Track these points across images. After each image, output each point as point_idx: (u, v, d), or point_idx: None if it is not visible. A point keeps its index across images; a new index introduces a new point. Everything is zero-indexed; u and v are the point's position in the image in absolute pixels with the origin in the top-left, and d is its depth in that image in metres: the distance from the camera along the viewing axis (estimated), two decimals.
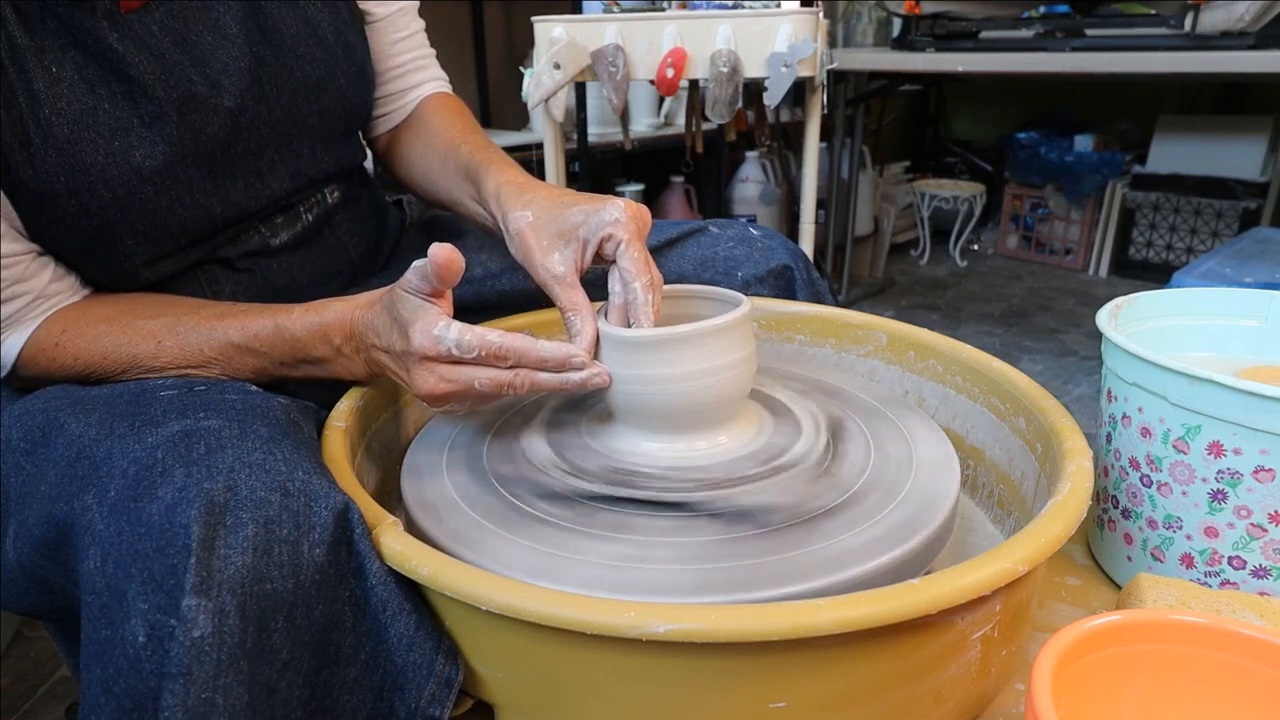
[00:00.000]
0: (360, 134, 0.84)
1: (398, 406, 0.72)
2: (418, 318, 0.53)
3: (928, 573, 0.48)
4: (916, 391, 0.77)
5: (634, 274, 0.59)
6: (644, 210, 0.62)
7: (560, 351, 0.55)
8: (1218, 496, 0.59)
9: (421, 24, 0.85)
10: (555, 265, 0.61)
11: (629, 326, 0.59)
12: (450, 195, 0.77)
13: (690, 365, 0.56)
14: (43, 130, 0.57)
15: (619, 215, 0.59)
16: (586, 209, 0.61)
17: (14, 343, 0.60)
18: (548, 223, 0.62)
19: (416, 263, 0.53)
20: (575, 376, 0.56)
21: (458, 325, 0.53)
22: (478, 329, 0.53)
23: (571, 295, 0.60)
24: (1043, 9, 2.28)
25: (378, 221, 0.85)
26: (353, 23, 0.76)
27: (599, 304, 0.61)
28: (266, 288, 0.72)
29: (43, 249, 0.61)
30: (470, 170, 0.72)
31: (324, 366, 0.61)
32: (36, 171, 0.57)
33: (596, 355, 0.58)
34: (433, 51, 0.87)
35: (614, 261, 0.60)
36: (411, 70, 0.84)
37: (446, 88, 0.88)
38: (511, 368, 0.54)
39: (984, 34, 2.27)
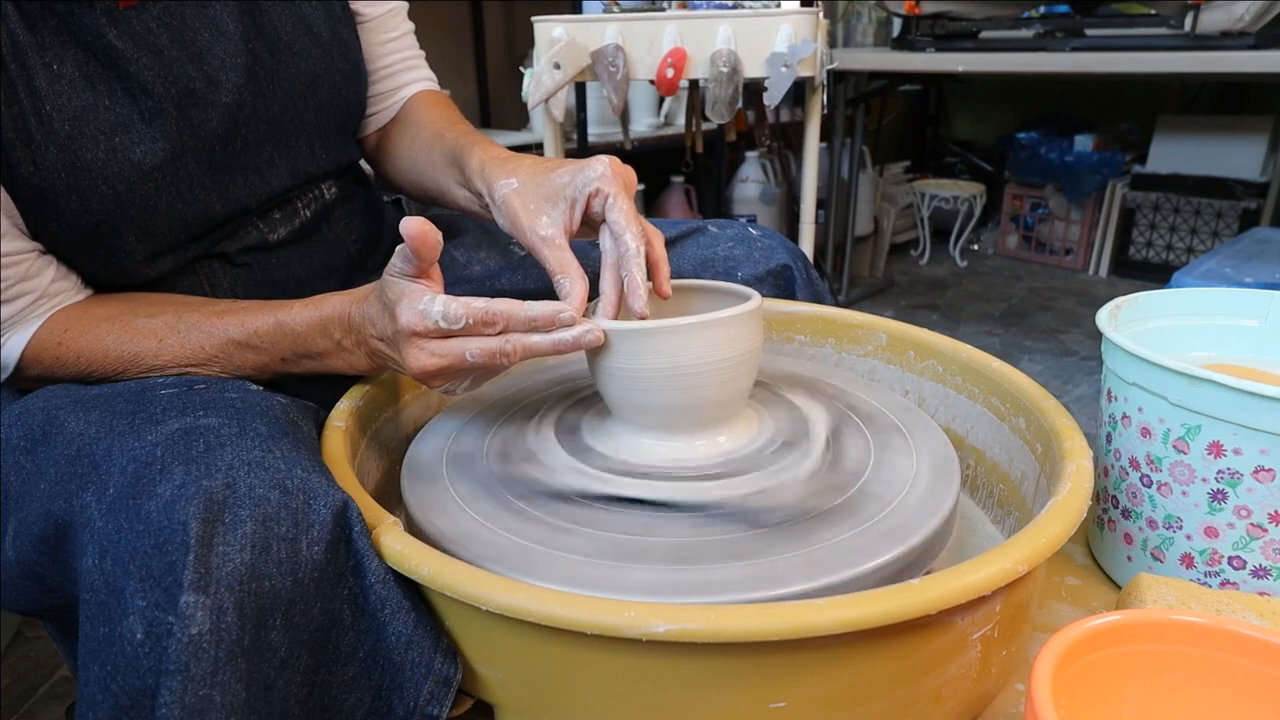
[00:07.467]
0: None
1: (398, 406, 0.72)
2: (403, 296, 0.53)
3: (928, 573, 0.47)
4: (916, 391, 0.77)
5: (624, 226, 0.59)
6: (629, 169, 0.62)
7: (549, 309, 0.54)
8: (1218, 496, 0.59)
9: (411, 25, 0.86)
10: (543, 228, 0.60)
11: (620, 283, 0.59)
12: (436, 183, 0.76)
13: (689, 361, 0.56)
14: (44, 127, 0.57)
15: (605, 170, 0.60)
16: (572, 169, 0.61)
17: (16, 342, 0.60)
18: (534, 187, 0.62)
19: (399, 247, 0.53)
20: (567, 335, 0.55)
21: (443, 298, 0.53)
22: (463, 298, 0.53)
23: (560, 256, 0.59)
24: (1043, 9, 2.28)
25: (375, 218, 0.85)
26: (346, 21, 0.76)
27: (593, 302, 0.61)
28: (265, 283, 0.72)
29: (44, 247, 0.61)
30: (455, 154, 0.72)
31: (324, 361, 0.61)
32: (38, 168, 0.57)
33: (595, 352, 0.58)
34: (422, 52, 0.87)
35: (603, 220, 0.60)
36: (401, 70, 0.84)
37: (435, 86, 0.88)
38: (501, 334, 0.54)
39: (984, 34, 2.28)
